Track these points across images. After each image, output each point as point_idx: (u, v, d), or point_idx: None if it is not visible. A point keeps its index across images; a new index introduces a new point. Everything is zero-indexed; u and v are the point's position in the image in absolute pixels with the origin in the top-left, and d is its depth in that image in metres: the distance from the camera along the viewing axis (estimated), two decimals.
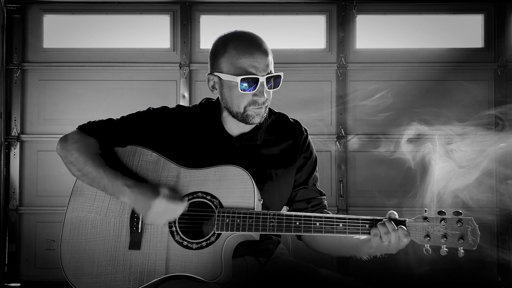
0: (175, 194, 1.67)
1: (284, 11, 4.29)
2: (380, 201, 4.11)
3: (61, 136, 1.82)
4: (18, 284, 4.15)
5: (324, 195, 1.91)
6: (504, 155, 3.96)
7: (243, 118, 1.74)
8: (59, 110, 4.21)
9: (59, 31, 4.31)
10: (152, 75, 4.24)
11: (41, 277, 4.11)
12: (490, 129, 4.06)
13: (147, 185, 1.69)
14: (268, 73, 1.71)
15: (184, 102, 4.14)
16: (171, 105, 1.91)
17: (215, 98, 1.89)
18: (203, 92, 4.19)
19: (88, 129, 1.81)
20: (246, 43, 1.71)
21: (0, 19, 4.13)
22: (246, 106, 1.72)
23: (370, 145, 4.17)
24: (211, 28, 4.29)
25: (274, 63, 1.78)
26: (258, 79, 1.68)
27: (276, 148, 1.85)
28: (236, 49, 1.70)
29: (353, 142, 4.20)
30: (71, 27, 4.32)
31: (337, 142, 4.19)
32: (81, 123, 1.86)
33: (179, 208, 1.64)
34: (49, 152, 4.06)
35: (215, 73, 1.76)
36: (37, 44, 4.27)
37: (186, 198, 1.67)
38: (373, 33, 4.30)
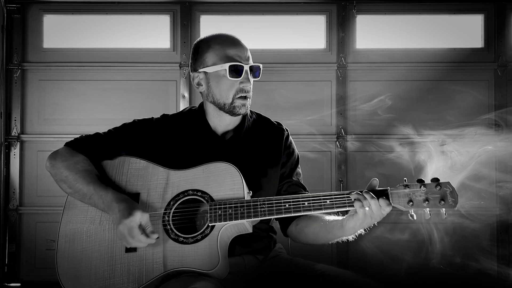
0: (150, 226, 1.67)
1: (284, 11, 4.29)
2: None
3: (50, 153, 1.86)
4: (18, 284, 4.15)
5: (308, 192, 1.96)
6: (490, 158, 3.96)
7: (230, 109, 1.84)
8: (59, 110, 4.21)
9: (59, 31, 4.31)
10: (152, 75, 4.24)
11: (41, 277, 4.11)
12: (490, 128, 4.07)
13: (131, 204, 1.70)
14: (250, 63, 1.85)
15: (184, 102, 4.14)
16: (171, 105, 1.96)
17: (198, 106, 1.99)
18: None
19: (76, 146, 1.86)
20: (229, 38, 1.88)
21: (0, 19, 4.13)
22: (234, 95, 1.83)
23: (370, 145, 4.17)
24: (211, 28, 4.28)
25: (274, 63, 1.85)
26: (243, 67, 1.81)
27: (260, 147, 1.92)
28: (221, 44, 1.85)
29: (353, 142, 4.20)
30: (71, 27, 4.32)
31: (337, 142, 4.19)
32: (80, 123, 1.89)
33: (142, 240, 1.64)
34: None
35: (200, 70, 1.87)
36: (37, 44, 4.27)
37: (156, 235, 1.66)
38: (373, 33, 4.30)
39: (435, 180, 1.60)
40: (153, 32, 4.31)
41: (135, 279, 1.66)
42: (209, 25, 4.30)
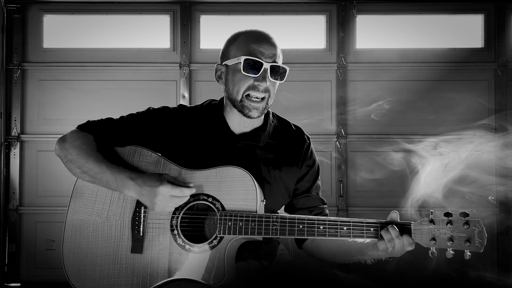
0: (179, 180, 1.66)
1: (284, 11, 4.29)
2: (380, 201, 4.11)
3: (59, 137, 1.81)
4: (18, 284, 4.15)
5: (326, 204, 1.91)
6: (476, 161, 3.95)
7: (240, 108, 1.73)
8: (59, 110, 4.21)
9: (59, 31, 4.31)
10: (152, 75, 4.24)
11: (41, 277, 4.11)
12: (489, 132, 4.06)
13: (150, 174, 1.68)
14: (274, 62, 1.72)
15: (184, 102, 4.14)
16: (172, 105, 1.90)
17: (218, 99, 1.89)
18: (203, 92, 4.20)
19: (87, 128, 1.81)
20: (256, 34, 1.76)
21: (0, 19, 4.13)
22: (245, 91, 1.71)
23: (370, 145, 4.17)
24: (211, 28, 4.29)
25: None
26: (262, 64, 1.69)
27: (278, 153, 1.83)
28: (246, 37, 1.75)
29: (353, 142, 4.20)
30: (71, 27, 4.32)
31: (337, 142, 4.19)
32: (80, 123, 1.85)
33: (185, 192, 1.62)
34: (49, 152, 4.06)
35: (223, 63, 1.78)
36: (37, 44, 4.27)
37: (192, 184, 1.65)
38: (373, 33, 4.30)
39: (464, 215, 1.49)
40: (153, 32, 4.31)
41: (139, 282, 1.64)
42: (209, 25, 4.30)
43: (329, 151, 4.20)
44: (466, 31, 4.34)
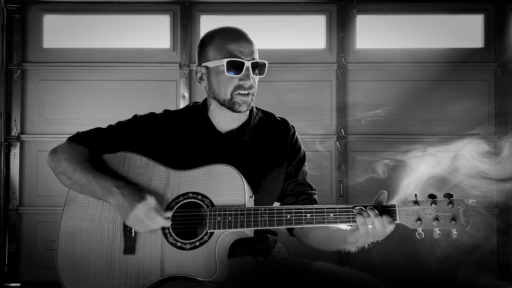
0: (161, 206, 1.67)
1: (284, 11, 4.29)
2: None
3: (51, 149, 1.85)
4: (18, 284, 4.15)
5: (315, 190, 1.94)
6: (459, 164, 3.93)
7: (230, 105, 1.78)
8: (59, 110, 4.21)
9: (59, 31, 4.31)
10: (152, 75, 4.24)
11: (41, 277, 4.11)
12: (489, 134, 4.06)
13: (137, 189, 1.70)
14: (253, 59, 1.77)
15: (184, 102, 4.13)
16: (171, 105, 1.93)
17: (201, 101, 1.94)
18: (203, 92, 4.15)
19: (78, 139, 1.84)
20: (232, 32, 1.81)
21: (0, 19, 4.13)
22: (233, 91, 1.77)
23: (370, 145, 4.17)
24: (211, 28, 4.29)
25: (274, 63, 1.80)
26: (243, 63, 1.75)
27: (266, 145, 1.88)
28: (223, 37, 1.80)
29: (353, 142, 4.20)
30: (71, 27, 4.32)
31: (337, 142, 4.19)
32: (80, 123, 1.87)
33: (159, 221, 1.64)
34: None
35: (203, 64, 1.83)
36: (37, 44, 4.27)
37: (171, 213, 1.67)
38: (373, 33, 4.31)
39: (448, 196, 1.51)
40: (153, 32, 4.31)
41: (133, 282, 1.66)
42: (209, 25, 4.25)
43: (329, 151, 4.19)
44: (466, 31, 4.34)
